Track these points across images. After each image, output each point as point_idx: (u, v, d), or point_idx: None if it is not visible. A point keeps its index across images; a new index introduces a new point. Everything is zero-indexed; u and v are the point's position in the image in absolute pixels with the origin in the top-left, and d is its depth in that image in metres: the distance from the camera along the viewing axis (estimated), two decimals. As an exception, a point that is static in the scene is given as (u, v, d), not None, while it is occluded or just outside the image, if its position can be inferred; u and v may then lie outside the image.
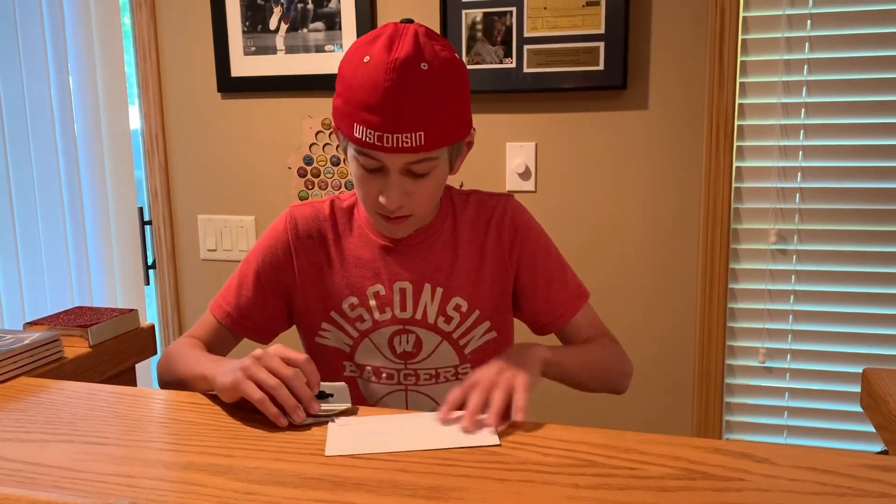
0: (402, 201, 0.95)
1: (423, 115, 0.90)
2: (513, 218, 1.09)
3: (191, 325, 2.04)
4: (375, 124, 0.89)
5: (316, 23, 1.79)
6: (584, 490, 0.65)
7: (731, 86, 1.59)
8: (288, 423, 0.81)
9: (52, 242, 1.84)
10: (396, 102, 0.88)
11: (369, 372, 1.09)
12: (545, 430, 0.78)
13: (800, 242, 1.64)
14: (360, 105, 0.90)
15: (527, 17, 1.64)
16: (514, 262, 1.08)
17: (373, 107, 0.89)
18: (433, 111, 0.90)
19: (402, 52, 0.88)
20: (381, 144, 0.90)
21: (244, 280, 1.09)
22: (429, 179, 0.96)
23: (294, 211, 1.10)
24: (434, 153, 0.93)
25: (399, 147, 0.90)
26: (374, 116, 0.89)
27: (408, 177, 0.95)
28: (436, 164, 0.95)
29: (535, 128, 1.73)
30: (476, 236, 1.08)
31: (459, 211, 1.09)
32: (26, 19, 1.76)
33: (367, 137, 0.90)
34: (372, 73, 0.89)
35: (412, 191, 0.96)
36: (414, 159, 0.92)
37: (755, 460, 0.70)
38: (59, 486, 0.67)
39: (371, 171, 0.95)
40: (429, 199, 0.99)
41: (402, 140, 0.89)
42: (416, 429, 0.80)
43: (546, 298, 1.09)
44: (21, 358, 0.98)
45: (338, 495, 0.64)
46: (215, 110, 1.94)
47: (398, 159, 0.92)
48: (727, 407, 1.72)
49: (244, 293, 1.09)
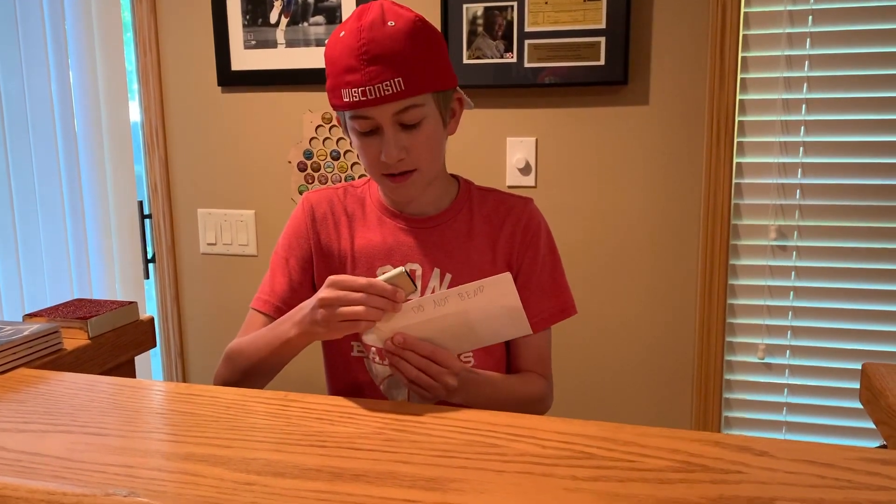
0: (400, 154, 0.99)
1: (398, 63, 0.95)
2: (529, 221, 1.12)
3: (190, 319, 2.05)
4: (357, 81, 0.95)
5: (316, 16, 1.79)
6: (583, 482, 0.65)
7: (732, 82, 1.59)
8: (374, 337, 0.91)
9: (52, 236, 1.84)
10: (370, 55, 0.95)
11: (374, 352, 1.10)
12: (543, 422, 0.78)
13: (800, 239, 1.64)
14: (342, 71, 0.97)
15: (528, 12, 1.64)
16: (518, 262, 1.11)
17: (352, 67, 0.96)
18: (407, 58, 0.96)
19: (370, 17, 0.97)
20: (366, 98, 0.95)
21: (275, 269, 1.14)
22: (421, 130, 1.00)
23: (310, 196, 1.16)
24: (418, 99, 0.98)
25: (382, 97, 0.95)
26: (354, 76, 0.96)
27: (401, 130, 0.99)
28: (424, 113, 0.99)
29: (536, 123, 1.73)
30: (490, 231, 1.10)
31: (477, 204, 1.12)
32: (26, 13, 1.75)
33: (353, 97, 0.96)
34: (346, 40, 0.97)
35: (408, 144, 1.00)
36: (400, 107, 0.97)
37: (754, 453, 0.70)
38: (58, 475, 0.67)
39: (367, 133, 1.00)
40: (427, 151, 1.02)
41: (383, 89, 0.95)
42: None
43: (533, 304, 1.10)
44: (20, 349, 0.98)
45: (336, 486, 0.64)
46: (215, 104, 1.93)
47: (386, 110, 0.97)
48: (726, 403, 1.73)
49: (278, 280, 1.13)
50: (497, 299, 0.89)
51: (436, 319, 0.89)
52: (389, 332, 0.90)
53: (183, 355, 2.07)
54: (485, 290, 0.88)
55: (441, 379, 0.91)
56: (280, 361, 1.03)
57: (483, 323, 0.90)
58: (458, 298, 0.88)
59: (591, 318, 1.75)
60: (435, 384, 0.91)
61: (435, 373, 0.90)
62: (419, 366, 0.90)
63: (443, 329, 0.90)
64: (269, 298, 1.12)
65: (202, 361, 2.06)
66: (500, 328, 0.92)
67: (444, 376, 0.91)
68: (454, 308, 0.89)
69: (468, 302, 0.88)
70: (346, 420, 0.80)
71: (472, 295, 0.88)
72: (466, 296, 0.88)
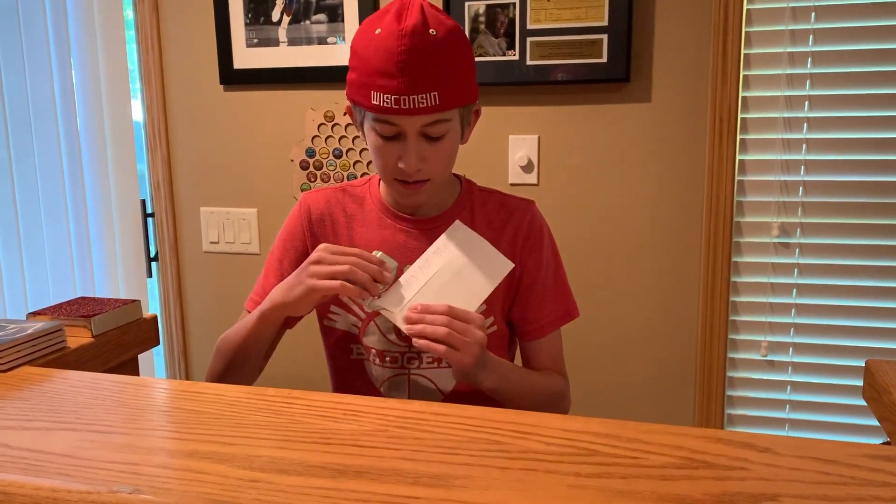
0: (419, 164, 0.98)
1: (436, 77, 0.94)
2: (531, 224, 1.11)
3: (192, 318, 2.05)
4: (392, 88, 0.93)
5: (318, 15, 1.79)
6: (586, 479, 0.65)
7: (735, 79, 1.59)
8: (368, 302, 0.95)
9: (55, 234, 1.84)
10: (411, 66, 0.92)
11: (374, 355, 1.10)
12: (547, 419, 0.78)
13: (802, 236, 1.64)
14: (375, 73, 0.94)
15: (530, 9, 1.64)
16: (520, 266, 1.10)
17: (388, 72, 0.93)
18: (445, 72, 0.94)
19: (412, 20, 0.93)
20: (399, 107, 0.94)
21: (269, 270, 1.14)
22: (444, 143, 0.99)
23: (307, 197, 1.15)
24: (448, 114, 0.97)
25: (415, 108, 0.93)
26: (390, 81, 0.93)
27: (424, 140, 0.98)
28: (449, 127, 0.99)
29: (538, 120, 1.73)
30: (491, 233, 1.09)
31: (478, 205, 1.12)
32: (29, 12, 1.75)
33: (385, 102, 0.94)
34: (385, 41, 0.93)
35: (428, 154, 0.99)
36: (430, 120, 0.96)
37: (757, 450, 0.69)
38: (62, 473, 0.67)
39: (388, 138, 0.98)
40: (444, 163, 1.02)
41: (419, 101, 0.93)
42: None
43: (537, 308, 1.11)
44: (24, 347, 0.98)
45: (341, 483, 0.64)
46: (218, 102, 1.93)
47: (415, 121, 0.96)
48: (729, 400, 1.72)
49: (269, 281, 1.13)
50: (464, 245, 0.98)
51: (431, 282, 0.95)
52: (402, 311, 0.94)
53: (186, 353, 2.07)
54: (451, 240, 0.99)
55: (469, 332, 0.91)
56: (257, 342, 1.04)
57: (469, 269, 0.97)
58: (435, 256, 0.97)
59: (593, 315, 1.75)
60: (466, 340, 0.91)
61: (460, 328, 0.91)
62: (443, 322, 0.91)
63: (441, 288, 0.95)
64: (259, 300, 1.12)
65: (205, 359, 2.06)
66: (487, 269, 0.98)
67: (470, 328, 0.92)
68: (438, 265, 0.96)
69: (445, 255, 0.97)
70: (350, 417, 0.80)
71: (444, 248, 0.98)
72: (440, 250, 0.98)
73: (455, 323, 0.91)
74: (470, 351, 0.91)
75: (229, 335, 1.09)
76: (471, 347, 0.91)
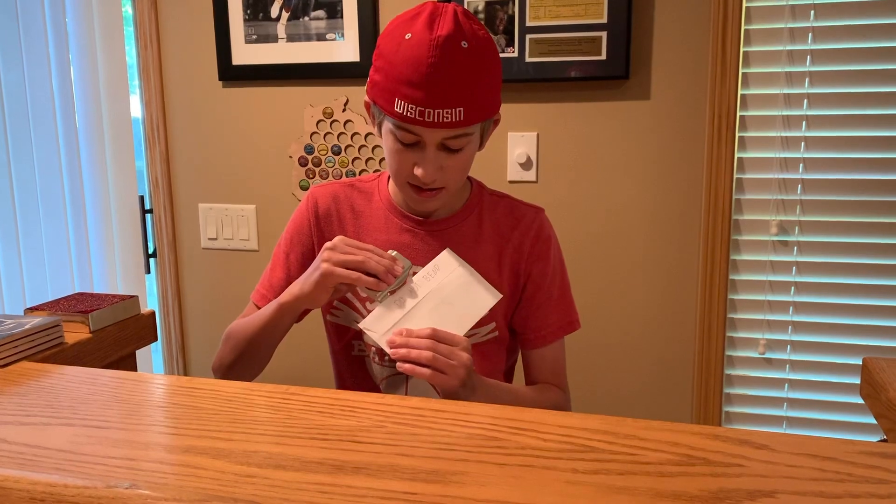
0: (436, 174, 0.98)
1: (464, 92, 0.92)
2: (539, 232, 1.10)
3: (190, 314, 2.05)
4: (417, 99, 0.91)
5: (317, 11, 1.79)
6: (583, 475, 0.65)
7: (734, 76, 1.59)
8: (381, 294, 0.95)
9: (53, 230, 1.84)
10: (439, 79, 0.90)
11: (374, 353, 1.10)
12: (544, 416, 0.78)
13: (801, 234, 1.64)
14: (401, 80, 0.92)
15: (529, 7, 1.64)
16: (526, 273, 1.10)
17: (415, 82, 0.91)
18: (472, 88, 0.93)
19: (444, 30, 0.90)
20: (423, 119, 0.92)
21: (276, 262, 1.14)
22: (462, 154, 0.99)
23: (315, 191, 1.14)
24: (470, 129, 0.96)
25: (439, 122, 0.92)
26: (416, 92, 0.91)
27: (443, 151, 0.97)
28: (470, 140, 0.98)
29: (537, 117, 1.73)
30: (498, 238, 1.09)
31: (487, 209, 1.11)
32: (27, 8, 1.75)
33: (409, 112, 0.92)
34: (414, 49, 0.91)
35: (446, 164, 0.98)
36: (452, 134, 0.95)
37: (754, 447, 0.70)
38: (59, 468, 0.67)
39: (407, 145, 0.97)
40: (461, 173, 1.02)
41: (443, 115, 0.92)
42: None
43: (540, 317, 1.11)
44: (21, 343, 0.98)
45: (338, 479, 0.64)
46: (216, 99, 1.93)
47: (437, 134, 0.94)
48: (727, 398, 1.73)
49: (276, 274, 1.13)
50: (450, 274, 0.98)
51: (417, 307, 0.95)
52: (387, 335, 0.94)
53: (184, 349, 2.07)
54: (440, 268, 0.98)
55: (455, 355, 0.91)
56: (272, 333, 1.04)
57: (458, 296, 0.97)
58: (425, 281, 0.97)
59: (591, 312, 1.75)
60: (451, 363, 0.90)
61: (445, 351, 0.90)
62: (427, 346, 0.90)
63: (427, 315, 0.95)
64: (266, 292, 1.13)
65: (203, 355, 2.06)
66: (474, 299, 0.98)
67: (455, 351, 0.91)
68: (426, 290, 0.96)
69: (435, 281, 0.97)
70: (348, 413, 0.80)
71: (433, 275, 0.98)
72: (429, 276, 0.97)
73: (440, 346, 0.90)
74: (455, 374, 0.90)
75: (241, 325, 1.09)
76: (456, 370, 0.90)
